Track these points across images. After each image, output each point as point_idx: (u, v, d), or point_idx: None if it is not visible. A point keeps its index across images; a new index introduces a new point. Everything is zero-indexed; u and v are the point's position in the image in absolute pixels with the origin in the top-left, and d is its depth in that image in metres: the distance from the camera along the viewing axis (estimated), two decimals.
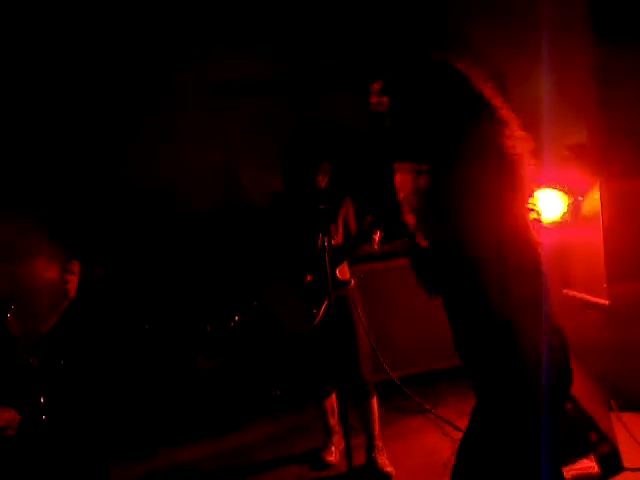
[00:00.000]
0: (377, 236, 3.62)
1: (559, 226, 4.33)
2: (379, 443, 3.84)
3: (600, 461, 3.46)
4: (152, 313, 4.80)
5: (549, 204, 4.31)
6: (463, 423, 4.14)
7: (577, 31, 4.25)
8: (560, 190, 4.25)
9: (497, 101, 2.07)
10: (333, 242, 3.60)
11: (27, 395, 2.91)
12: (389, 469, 3.74)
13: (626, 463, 3.45)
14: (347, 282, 3.77)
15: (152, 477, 4.10)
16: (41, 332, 3.05)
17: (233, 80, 5.79)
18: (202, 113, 5.58)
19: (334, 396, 4.07)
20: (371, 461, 3.78)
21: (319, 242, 3.41)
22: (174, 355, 4.83)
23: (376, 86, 2.16)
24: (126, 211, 5.20)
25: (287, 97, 5.90)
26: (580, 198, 4.28)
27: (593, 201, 4.28)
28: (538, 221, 2.23)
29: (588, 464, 3.47)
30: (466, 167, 1.95)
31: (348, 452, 3.15)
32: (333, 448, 4.05)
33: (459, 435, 3.97)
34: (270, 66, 5.77)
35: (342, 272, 3.75)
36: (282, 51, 5.75)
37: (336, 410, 4.09)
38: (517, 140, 2.05)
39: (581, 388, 3.64)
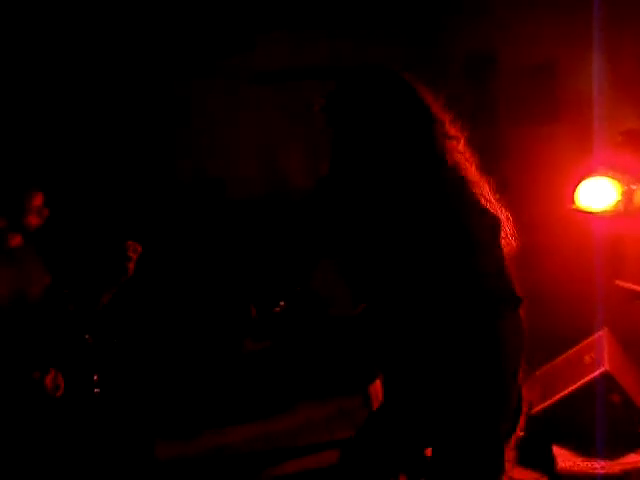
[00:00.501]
0: None
1: (611, 215, 4.23)
2: None
3: None
4: (199, 296, 4.86)
5: (601, 192, 4.21)
6: None
7: (631, 9, 4.13)
8: (613, 178, 4.14)
9: (445, 116, 2.11)
10: None
11: (80, 371, 2.99)
12: None
13: None
14: None
15: (197, 458, 4.16)
16: (96, 309, 3.13)
17: (277, 66, 5.81)
18: (247, 100, 5.62)
19: (379, 382, 4.06)
20: None
21: None
22: (221, 338, 4.88)
23: (319, 100, 2.20)
24: (174, 197, 5.28)
25: (323, 83, 5.88)
26: (634, 186, 4.17)
27: None
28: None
29: (638, 458, 3.40)
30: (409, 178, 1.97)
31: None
32: None
33: None
34: (316, 51, 5.78)
35: None
36: (326, 36, 5.75)
37: (380, 397, 4.07)
38: (465, 156, 2.11)
39: (630, 380, 3.56)
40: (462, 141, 2.12)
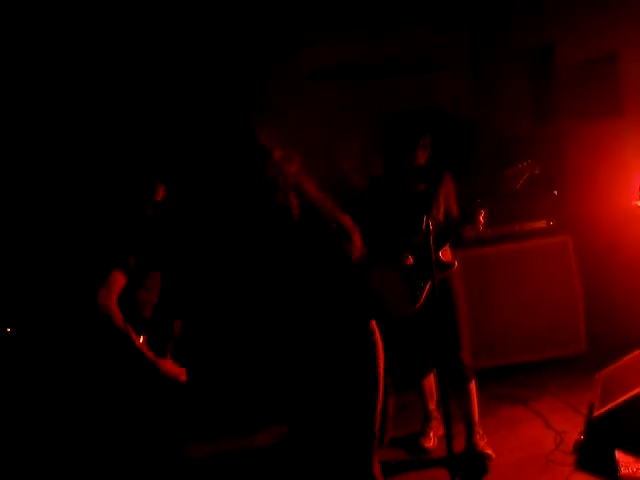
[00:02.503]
0: (482, 216, 3.53)
1: None
2: (479, 429, 3.76)
3: None
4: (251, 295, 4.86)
5: None
6: (567, 415, 4.02)
7: None
8: None
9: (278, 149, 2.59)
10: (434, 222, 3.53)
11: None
12: (489, 451, 3.67)
13: None
14: (450, 264, 3.69)
15: (248, 453, 4.16)
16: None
17: (331, 65, 5.82)
18: (301, 98, 5.63)
19: (432, 378, 4.02)
20: (471, 446, 3.71)
21: (423, 224, 3.34)
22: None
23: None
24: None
25: (384, 80, 5.89)
26: None
27: None
28: None
29: None
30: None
31: (449, 438, 3.11)
32: (431, 434, 4.00)
33: (563, 427, 3.86)
34: (369, 49, 5.78)
35: (444, 254, 3.67)
36: (377, 34, 5.74)
37: (435, 394, 4.04)
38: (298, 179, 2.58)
39: None
40: (293, 169, 2.59)
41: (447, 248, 3.71)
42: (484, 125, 5.84)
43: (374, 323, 2.62)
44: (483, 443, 3.73)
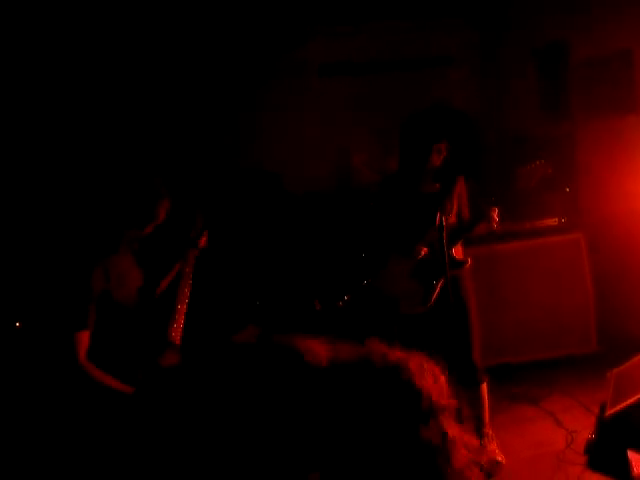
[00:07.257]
0: (495, 214, 3.51)
1: None
2: (489, 431, 3.72)
3: None
4: (264, 290, 4.87)
5: None
6: (578, 414, 4.00)
7: None
8: None
9: None
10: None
11: None
12: (499, 457, 3.62)
13: None
14: (463, 262, 3.66)
15: None
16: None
17: (342, 60, 5.80)
18: (313, 94, 5.61)
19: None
20: None
21: (437, 220, 3.32)
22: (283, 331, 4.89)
23: None
24: (238, 189, 5.32)
25: (394, 75, 5.87)
26: None
27: None
28: None
29: None
30: None
31: None
32: None
33: (574, 426, 3.84)
34: (377, 45, 5.76)
35: (457, 252, 3.65)
36: (388, 29, 5.71)
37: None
38: None
39: None
40: None
41: (459, 246, 3.68)
42: (496, 123, 5.81)
43: None
44: (493, 446, 3.68)
